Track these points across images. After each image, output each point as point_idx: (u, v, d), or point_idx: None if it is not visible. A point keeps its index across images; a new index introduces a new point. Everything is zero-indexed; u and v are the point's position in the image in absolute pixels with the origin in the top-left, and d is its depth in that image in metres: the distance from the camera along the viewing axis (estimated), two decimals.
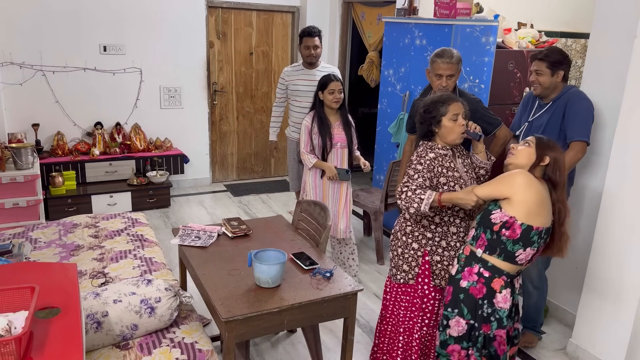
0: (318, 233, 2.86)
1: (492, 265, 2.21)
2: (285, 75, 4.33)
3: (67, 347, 1.59)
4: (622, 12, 2.90)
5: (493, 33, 3.93)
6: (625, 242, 2.75)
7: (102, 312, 2.20)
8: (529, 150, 2.22)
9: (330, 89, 3.47)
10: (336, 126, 3.57)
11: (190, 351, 2.23)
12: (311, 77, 4.17)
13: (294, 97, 4.31)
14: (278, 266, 2.23)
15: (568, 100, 2.93)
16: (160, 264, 3.00)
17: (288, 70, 4.35)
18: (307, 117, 3.58)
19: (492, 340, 2.26)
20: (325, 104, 3.53)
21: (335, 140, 3.54)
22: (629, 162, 2.70)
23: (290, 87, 4.30)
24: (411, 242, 2.51)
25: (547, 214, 2.16)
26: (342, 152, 3.58)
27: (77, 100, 5.17)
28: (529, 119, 3.11)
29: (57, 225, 3.47)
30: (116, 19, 5.17)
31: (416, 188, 2.35)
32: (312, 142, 3.54)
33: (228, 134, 6.16)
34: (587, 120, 2.89)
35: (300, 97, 4.26)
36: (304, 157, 3.59)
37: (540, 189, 2.15)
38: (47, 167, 4.86)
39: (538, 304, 3.16)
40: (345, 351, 2.45)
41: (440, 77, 3.06)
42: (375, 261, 4.32)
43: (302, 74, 4.25)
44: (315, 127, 3.53)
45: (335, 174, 3.50)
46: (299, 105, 4.28)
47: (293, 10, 6.10)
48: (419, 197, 2.32)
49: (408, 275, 2.53)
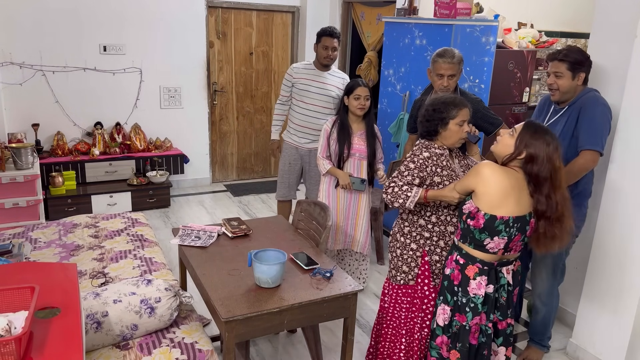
0: (318, 233, 2.86)
1: (466, 253, 2.28)
2: (294, 73, 4.04)
3: (67, 347, 1.59)
4: (622, 12, 2.90)
5: (493, 33, 3.93)
6: (625, 242, 2.75)
7: (102, 312, 2.20)
8: (510, 141, 2.21)
9: (356, 94, 3.33)
10: (358, 135, 3.41)
11: (190, 351, 2.23)
12: (322, 80, 3.96)
13: (300, 97, 4.02)
14: (278, 266, 2.23)
15: (582, 105, 2.71)
16: (160, 264, 3.00)
17: (298, 68, 4.06)
18: (328, 121, 3.47)
19: (468, 333, 2.27)
20: (350, 110, 3.39)
21: (353, 150, 3.39)
22: (630, 161, 2.70)
23: (297, 85, 4.01)
24: (409, 242, 2.52)
25: (513, 203, 2.14)
26: (359, 163, 3.42)
27: (77, 100, 5.17)
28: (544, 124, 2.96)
29: (57, 225, 3.47)
30: (116, 19, 5.16)
31: (403, 184, 2.41)
32: (330, 148, 3.41)
33: (228, 134, 6.16)
34: (600, 128, 2.66)
35: (307, 99, 3.99)
36: (319, 162, 3.47)
37: (503, 180, 2.13)
38: (47, 167, 4.86)
39: (546, 318, 3.03)
40: (345, 351, 2.45)
41: (441, 77, 3.06)
42: (376, 261, 4.32)
43: (313, 74, 3.98)
44: (335, 132, 3.39)
45: (349, 182, 3.34)
46: (304, 107, 4.02)
47: (293, 10, 6.10)
48: (405, 194, 2.38)
49: (408, 276, 2.53)
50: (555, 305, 3.03)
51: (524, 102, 4.76)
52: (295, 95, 4.05)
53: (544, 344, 3.11)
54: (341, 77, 4.03)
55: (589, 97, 2.72)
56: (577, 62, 2.70)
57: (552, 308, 3.02)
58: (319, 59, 3.96)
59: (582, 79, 2.73)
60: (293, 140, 4.09)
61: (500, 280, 2.29)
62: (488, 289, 2.25)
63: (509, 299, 2.35)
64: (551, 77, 2.77)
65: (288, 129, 4.17)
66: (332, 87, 3.95)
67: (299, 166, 4.12)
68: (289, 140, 4.14)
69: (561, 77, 2.72)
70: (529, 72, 4.64)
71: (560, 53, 2.74)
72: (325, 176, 3.47)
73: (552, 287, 2.98)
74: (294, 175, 4.13)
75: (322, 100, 3.94)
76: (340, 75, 4.06)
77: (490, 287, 2.25)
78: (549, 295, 2.99)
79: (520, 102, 4.73)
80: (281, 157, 4.17)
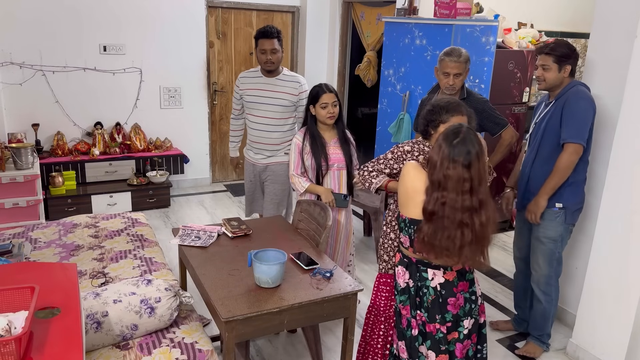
0: (318, 233, 2.86)
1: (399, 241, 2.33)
2: (240, 83, 3.59)
3: (67, 347, 1.59)
4: (622, 12, 2.90)
5: (493, 33, 3.93)
6: (625, 242, 2.75)
7: (102, 312, 2.20)
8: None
9: (322, 102, 3.02)
10: (332, 144, 3.13)
11: (190, 351, 2.23)
12: (271, 88, 3.50)
13: (250, 110, 3.58)
14: (278, 266, 2.23)
15: (566, 99, 2.81)
16: (160, 264, 3.00)
17: (244, 77, 3.60)
18: (298, 135, 3.15)
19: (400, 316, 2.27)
20: (319, 120, 3.10)
21: (331, 161, 3.11)
22: (630, 161, 2.70)
23: (245, 97, 3.57)
24: (389, 231, 2.60)
25: (413, 205, 2.11)
26: (339, 174, 3.15)
27: (77, 100, 5.17)
28: (536, 120, 3.01)
29: (57, 225, 3.47)
30: (116, 19, 5.17)
31: (372, 171, 2.59)
32: (304, 163, 3.11)
33: (228, 134, 6.15)
34: (582, 121, 2.76)
35: (257, 111, 3.55)
36: (294, 181, 3.14)
37: (414, 181, 2.13)
38: (47, 167, 4.86)
39: (546, 310, 3.05)
40: (345, 351, 2.45)
41: (447, 76, 3.09)
42: (375, 261, 4.32)
43: (261, 83, 3.52)
44: (308, 146, 3.09)
45: (333, 199, 3.06)
46: (255, 121, 3.57)
47: (293, 10, 6.10)
48: (370, 179, 2.58)
49: (387, 265, 2.61)
50: (555, 297, 3.06)
51: (524, 102, 4.76)
52: (245, 108, 3.64)
53: (544, 340, 3.14)
54: (294, 80, 3.54)
55: (572, 92, 2.81)
56: (563, 55, 2.79)
57: (551, 300, 3.05)
58: (260, 65, 3.52)
59: (568, 71, 2.83)
60: (250, 157, 3.72)
61: (424, 280, 2.17)
62: (409, 282, 2.22)
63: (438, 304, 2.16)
64: (539, 69, 2.88)
65: (247, 144, 3.77)
66: (284, 95, 3.51)
67: (259, 183, 3.76)
68: (247, 156, 3.76)
69: (548, 69, 2.83)
70: (529, 72, 4.64)
71: (547, 47, 2.84)
72: (303, 196, 3.15)
73: (549, 276, 3.02)
74: (258, 191, 3.80)
75: (274, 111, 3.52)
76: (293, 78, 3.56)
77: (410, 282, 2.21)
78: (546, 284, 3.03)
79: (520, 102, 4.74)
80: (245, 175, 3.84)
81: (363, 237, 4.84)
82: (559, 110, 2.84)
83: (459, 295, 2.16)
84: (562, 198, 2.88)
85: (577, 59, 2.85)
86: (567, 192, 2.88)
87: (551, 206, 2.89)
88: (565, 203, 2.89)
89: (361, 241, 4.74)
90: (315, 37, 6.14)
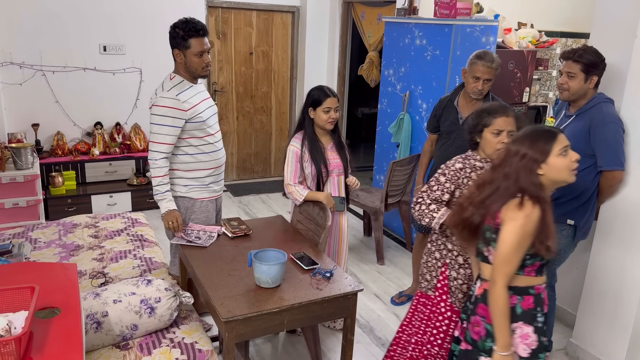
0: (317, 233, 2.86)
1: None
2: (185, 103, 2.75)
3: (67, 347, 1.59)
4: (622, 12, 2.89)
5: (493, 33, 3.93)
6: (625, 242, 2.75)
7: (102, 312, 2.20)
8: None
9: (326, 106, 2.88)
10: (329, 149, 3.02)
11: (190, 351, 2.23)
12: (204, 95, 2.94)
13: (205, 129, 2.86)
14: (278, 266, 2.23)
15: (592, 119, 2.62)
16: (160, 264, 3.00)
17: (181, 93, 2.76)
18: (295, 141, 2.95)
19: None
20: (317, 124, 2.95)
21: (331, 167, 3.00)
22: (630, 161, 2.70)
23: (196, 117, 2.79)
24: (434, 250, 2.44)
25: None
26: (338, 179, 3.05)
27: (77, 100, 5.16)
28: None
29: (57, 225, 3.47)
30: (116, 19, 5.16)
31: (431, 202, 2.32)
32: (304, 171, 2.97)
33: (228, 134, 6.15)
34: (615, 146, 2.60)
35: (210, 128, 2.90)
36: (290, 190, 2.95)
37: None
38: (47, 167, 4.86)
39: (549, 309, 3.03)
40: (345, 351, 2.44)
41: (477, 80, 3.01)
42: (376, 261, 4.32)
43: (194, 92, 2.86)
44: (307, 152, 2.93)
45: (334, 204, 2.97)
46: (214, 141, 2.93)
47: (293, 10, 6.10)
48: (431, 213, 2.31)
49: (429, 285, 2.47)
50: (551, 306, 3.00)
51: (524, 102, 4.76)
52: (196, 132, 2.83)
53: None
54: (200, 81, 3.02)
55: (597, 113, 2.62)
56: (591, 64, 2.61)
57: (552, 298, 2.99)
58: (196, 70, 2.83)
59: (594, 83, 2.65)
60: (212, 194, 3.01)
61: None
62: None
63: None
64: (563, 76, 2.67)
65: (193, 186, 2.92)
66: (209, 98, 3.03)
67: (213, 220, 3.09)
68: (206, 196, 2.97)
69: (574, 78, 2.64)
70: (529, 72, 4.64)
71: (575, 53, 2.62)
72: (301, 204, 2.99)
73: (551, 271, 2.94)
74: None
75: (217, 121, 3.03)
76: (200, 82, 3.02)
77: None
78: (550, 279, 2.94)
79: (520, 102, 4.73)
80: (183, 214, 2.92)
81: (363, 237, 4.84)
82: (584, 130, 2.65)
83: None
84: (574, 216, 2.76)
85: (604, 69, 2.66)
86: (581, 210, 2.76)
87: (562, 221, 2.76)
88: (577, 221, 2.77)
89: (361, 241, 4.74)
90: (315, 37, 6.14)
